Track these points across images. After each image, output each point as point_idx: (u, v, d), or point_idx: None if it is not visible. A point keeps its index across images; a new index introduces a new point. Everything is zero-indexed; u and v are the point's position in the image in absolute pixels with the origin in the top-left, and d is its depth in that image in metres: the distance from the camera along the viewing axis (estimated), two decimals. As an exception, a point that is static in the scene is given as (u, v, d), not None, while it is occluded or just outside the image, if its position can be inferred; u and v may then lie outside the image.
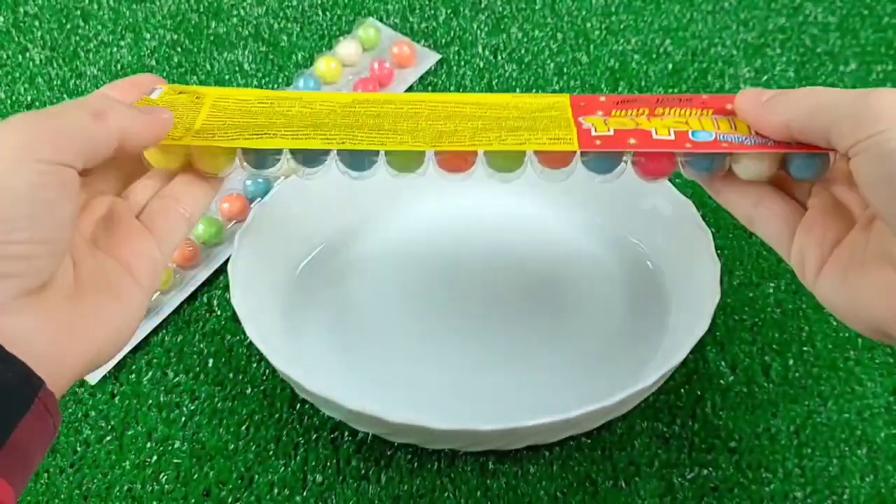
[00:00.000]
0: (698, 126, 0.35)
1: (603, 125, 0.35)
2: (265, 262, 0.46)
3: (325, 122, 0.36)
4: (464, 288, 0.49)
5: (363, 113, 0.36)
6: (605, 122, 0.35)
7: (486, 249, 0.50)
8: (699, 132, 0.34)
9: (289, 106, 0.37)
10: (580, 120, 0.36)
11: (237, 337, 0.48)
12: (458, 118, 0.36)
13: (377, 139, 0.35)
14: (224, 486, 0.43)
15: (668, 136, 0.34)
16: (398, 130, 0.35)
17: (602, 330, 0.47)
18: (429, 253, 0.50)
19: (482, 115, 0.36)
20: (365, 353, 0.46)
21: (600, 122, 0.35)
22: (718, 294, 0.42)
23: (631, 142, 0.34)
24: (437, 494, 0.43)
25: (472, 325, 0.47)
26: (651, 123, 0.35)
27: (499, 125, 0.36)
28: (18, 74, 0.62)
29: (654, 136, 0.34)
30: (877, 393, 0.46)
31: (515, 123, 0.36)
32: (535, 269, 0.50)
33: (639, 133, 0.34)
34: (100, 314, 0.30)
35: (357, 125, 0.36)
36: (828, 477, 0.43)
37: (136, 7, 0.66)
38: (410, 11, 0.66)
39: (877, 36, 0.64)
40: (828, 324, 0.48)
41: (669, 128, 0.35)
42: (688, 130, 0.34)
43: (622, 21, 0.65)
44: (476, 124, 0.36)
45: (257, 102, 0.37)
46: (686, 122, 0.35)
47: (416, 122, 0.36)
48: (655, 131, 0.34)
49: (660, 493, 0.42)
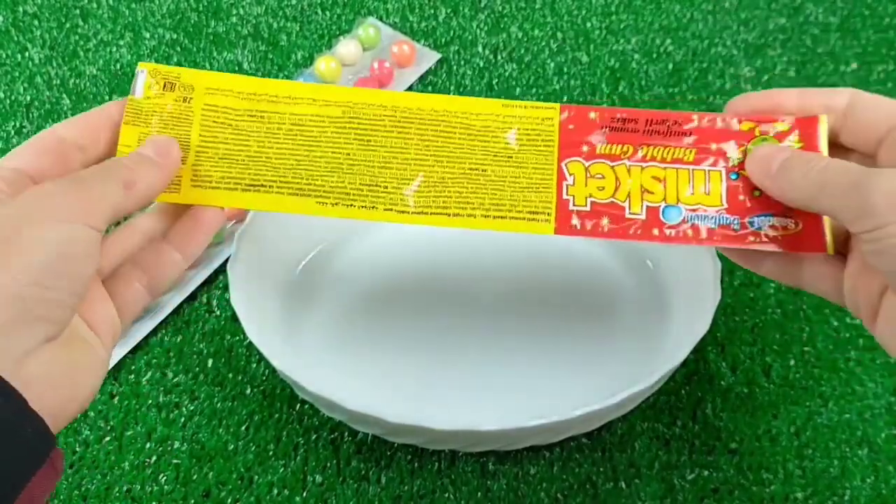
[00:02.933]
0: (673, 192, 0.36)
1: (583, 185, 0.36)
2: (265, 262, 0.46)
3: (317, 159, 0.36)
4: (464, 288, 0.49)
5: (354, 139, 0.36)
6: (587, 172, 0.36)
7: (486, 251, 0.50)
8: (670, 208, 0.35)
9: (279, 123, 0.37)
10: (563, 169, 0.36)
11: (237, 337, 0.48)
12: (448, 152, 0.36)
13: (369, 198, 0.35)
14: (224, 486, 0.43)
15: (640, 215, 0.35)
16: (390, 180, 0.36)
17: (602, 330, 0.47)
18: (428, 253, 0.50)
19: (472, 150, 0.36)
20: (365, 354, 0.46)
21: (581, 176, 0.36)
22: (719, 294, 0.42)
23: (604, 223, 0.35)
24: (438, 495, 0.43)
25: (472, 325, 0.47)
26: (630, 179, 0.36)
27: (484, 178, 0.36)
28: (18, 74, 0.62)
29: (627, 215, 0.35)
30: (878, 394, 0.46)
31: (500, 172, 0.36)
32: (535, 270, 0.49)
33: (612, 209, 0.36)
34: (82, 363, 0.31)
35: (350, 163, 0.36)
36: (829, 478, 0.43)
37: (136, 6, 0.66)
38: (410, 11, 0.66)
39: (878, 36, 0.64)
40: (828, 324, 0.48)
41: (644, 196, 0.36)
42: (660, 205, 0.35)
43: (622, 21, 0.65)
44: (464, 169, 0.36)
45: (247, 116, 0.37)
46: (663, 180, 0.36)
47: (408, 161, 0.36)
48: (629, 205, 0.36)
49: (660, 495, 0.42)
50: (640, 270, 0.49)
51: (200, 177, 0.36)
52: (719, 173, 0.36)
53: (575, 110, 0.37)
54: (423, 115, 0.37)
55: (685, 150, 0.36)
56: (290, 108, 0.37)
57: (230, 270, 0.43)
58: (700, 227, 0.35)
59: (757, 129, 0.36)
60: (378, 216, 0.36)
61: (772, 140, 0.35)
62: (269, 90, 0.37)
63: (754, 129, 0.36)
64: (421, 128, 0.37)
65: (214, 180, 0.35)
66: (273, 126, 0.36)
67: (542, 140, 0.37)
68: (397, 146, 0.36)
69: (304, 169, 0.36)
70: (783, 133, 0.35)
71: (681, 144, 0.36)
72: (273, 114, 0.37)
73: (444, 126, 0.37)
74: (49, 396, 0.28)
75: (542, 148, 0.36)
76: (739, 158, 0.36)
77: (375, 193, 0.36)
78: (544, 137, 0.37)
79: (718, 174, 0.36)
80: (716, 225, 0.35)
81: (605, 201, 0.36)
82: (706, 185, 0.35)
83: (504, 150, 0.36)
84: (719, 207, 0.35)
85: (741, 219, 0.35)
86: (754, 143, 0.36)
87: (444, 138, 0.37)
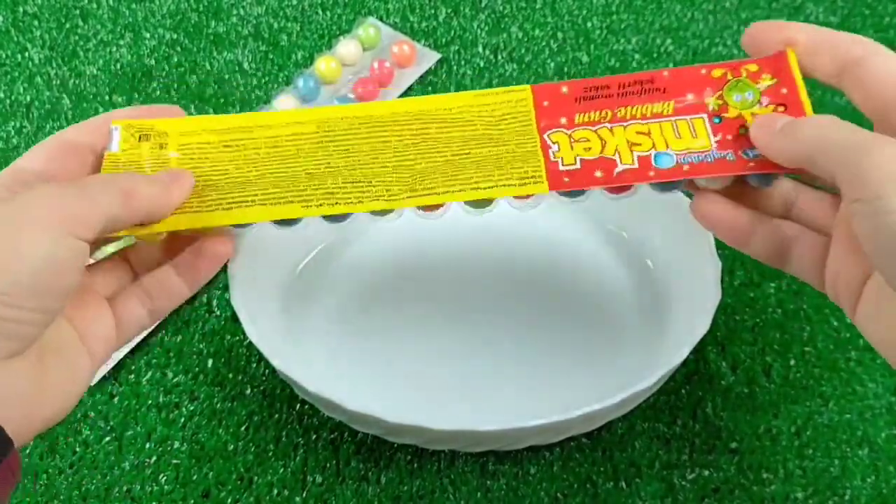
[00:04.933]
0: (661, 141, 0.35)
1: (568, 148, 0.36)
2: (265, 262, 0.46)
3: (297, 172, 0.36)
4: (464, 288, 0.49)
5: (333, 150, 0.36)
6: (570, 138, 0.36)
7: (486, 250, 0.50)
8: (662, 155, 0.35)
9: (255, 148, 0.37)
10: (546, 139, 0.36)
11: (237, 337, 0.48)
12: (428, 147, 0.36)
13: (353, 194, 0.35)
14: (223, 486, 0.43)
15: (632, 165, 0.35)
16: (372, 177, 0.36)
17: (602, 330, 0.47)
18: (429, 254, 0.50)
19: (450, 141, 0.36)
20: (365, 354, 0.46)
21: (565, 142, 0.36)
22: (719, 294, 0.42)
23: (597, 175, 0.35)
24: (437, 495, 0.43)
25: (472, 325, 0.47)
26: (614, 138, 0.36)
27: (468, 160, 0.36)
28: (17, 74, 0.62)
29: (619, 166, 0.35)
30: (878, 393, 0.46)
31: (483, 152, 0.36)
32: (535, 270, 0.49)
33: (603, 163, 0.35)
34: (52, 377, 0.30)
35: (330, 170, 0.36)
36: (829, 478, 0.43)
37: (136, 6, 0.66)
38: (410, 11, 0.66)
39: (878, 36, 0.64)
40: (829, 324, 0.48)
41: (632, 148, 0.35)
42: (650, 153, 0.35)
43: (623, 20, 0.65)
44: (446, 157, 0.36)
45: (222, 146, 0.37)
46: (648, 133, 0.36)
47: (388, 161, 0.36)
48: (619, 158, 0.35)
49: (661, 495, 0.42)
50: (640, 270, 0.49)
51: (182, 206, 0.35)
52: (702, 120, 0.36)
53: (546, 87, 0.37)
54: (397, 119, 0.37)
55: (663, 104, 0.36)
56: (264, 132, 0.37)
57: (230, 270, 0.43)
58: (695, 164, 0.35)
59: (728, 73, 0.36)
60: (365, 207, 0.35)
61: (745, 81, 0.36)
62: (243, 123, 0.37)
63: (726, 75, 0.36)
64: (397, 130, 0.37)
65: (195, 205, 0.35)
66: (250, 151, 0.37)
67: (520, 120, 0.37)
68: (377, 149, 0.36)
69: (284, 181, 0.36)
70: (754, 73, 0.36)
71: (657, 99, 0.36)
72: (249, 140, 0.37)
73: (420, 124, 0.37)
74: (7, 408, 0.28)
75: (521, 127, 0.36)
76: (718, 104, 0.36)
77: (360, 189, 0.36)
78: (521, 118, 0.37)
79: (701, 121, 0.36)
80: (712, 160, 0.35)
81: (595, 158, 0.36)
82: (692, 131, 0.36)
83: (484, 133, 0.36)
84: (709, 148, 0.35)
85: (734, 151, 0.35)
86: (728, 87, 0.36)
87: (421, 135, 0.37)
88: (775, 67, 0.35)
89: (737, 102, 0.36)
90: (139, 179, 0.32)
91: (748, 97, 0.36)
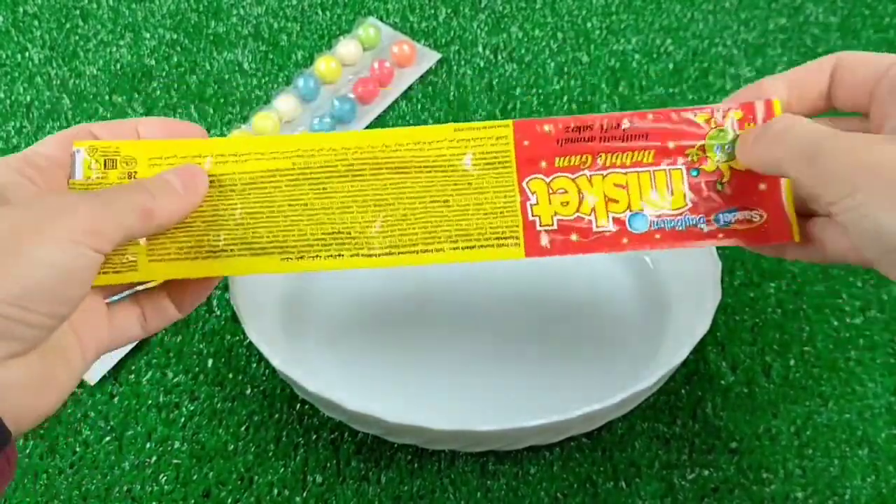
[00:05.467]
0: (637, 198, 0.36)
1: (546, 202, 0.36)
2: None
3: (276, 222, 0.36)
4: (464, 288, 0.49)
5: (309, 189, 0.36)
6: (549, 188, 0.36)
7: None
8: (637, 216, 0.36)
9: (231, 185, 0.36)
10: (525, 188, 0.36)
11: (237, 337, 0.48)
12: (407, 189, 0.36)
13: (334, 248, 0.36)
14: (224, 486, 0.43)
15: (607, 227, 0.36)
16: (349, 227, 0.36)
17: (602, 330, 0.47)
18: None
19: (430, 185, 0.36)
20: (365, 354, 0.46)
21: (544, 193, 0.36)
22: (719, 294, 0.42)
23: (573, 239, 0.36)
24: (438, 495, 0.43)
25: (473, 324, 0.47)
26: (592, 190, 0.36)
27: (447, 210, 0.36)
28: (17, 74, 0.62)
29: (594, 230, 0.36)
30: (878, 393, 0.46)
31: (462, 201, 0.36)
32: (535, 270, 0.49)
33: (579, 224, 0.36)
34: (50, 375, 0.31)
35: (308, 213, 0.36)
36: (829, 477, 0.43)
37: (136, 6, 0.66)
38: (410, 11, 0.66)
39: (878, 36, 0.64)
40: (828, 324, 0.48)
41: (608, 206, 0.36)
42: (625, 215, 0.36)
43: (623, 20, 0.65)
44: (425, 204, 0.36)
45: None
46: (626, 186, 0.36)
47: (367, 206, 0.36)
48: (595, 219, 0.36)
49: (660, 494, 0.42)
50: (640, 270, 0.49)
51: (157, 251, 0.35)
52: (680, 171, 0.36)
53: (528, 125, 0.36)
54: (375, 154, 0.36)
55: (644, 152, 0.36)
56: (239, 166, 0.36)
57: (230, 270, 0.43)
58: (667, 231, 0.36)
59: (712, 120, 0.36)
60: (346, 264, 0.36)
61: (728, 131, 0.35)
62: (214, 149, 0.36)
63: (710, 122, 0.36)
64: (375, 168, 0.36)
65: (172, 252, 0.35)
66: (225, 189, 0.36)
67: (500, 161, 0.36)
68: (354, 189, 0.36)
69: (262, 227, 0.36)
70: (740, 121, 0.35)
71: (638, 146, 0.36)
72: (223, 175, 0.36)
73: (399, 162, 0.36)
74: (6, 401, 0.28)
75: (500, 170, 0.36)
76: (698, 155, 0.36)
77: (339, 241, 0.36)
78: (501, 158, 0.36)
79: (679, 172, 0.36)
80: (683, 227, 0.36)
81: (571, 217, 0.36)
82: (669, 186, 0.36)
83: (463, 178, 0.36)
84: (683, 208, 0.36)
85: (706, 217, 0.36)
86: (710, 136, 0.36)
87: (400, 175, 0.36)
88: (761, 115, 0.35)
89: (716, 153, 0.36)
90: (159, 193, 0.33)
91: (728, 148, 0.35)
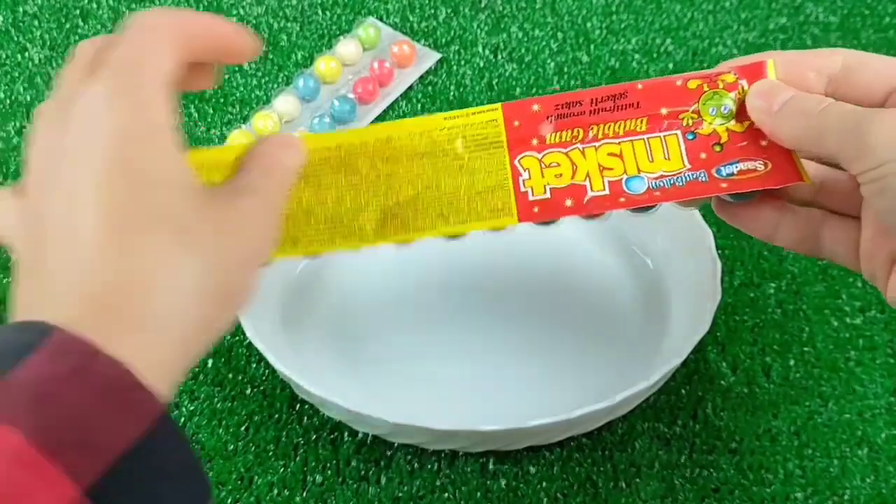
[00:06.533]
0: (632, 164, 0.35)
1: (539, 176, 0.35)
2: (265, 262, 0.46)
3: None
4: (464, 289, 0.49)
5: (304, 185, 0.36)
6: (541, 163, 0.35)
7: (486, 250, 0.50)
8: (633, 179, 0.35)
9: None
10: (517, 165, 0.35)
11: (237, 337, 0.48)
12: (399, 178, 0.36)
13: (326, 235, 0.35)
14: (223, 486, 0.43)
15: (603, 191, 0.35)
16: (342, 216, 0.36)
17: (602, 330, 0.47)
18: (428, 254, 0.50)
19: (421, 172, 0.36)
20: (365, 354, 0.46)
21: (536, 168, 0.35)
22: (719, 294, 0.42)
23: (567, 203, 0.35)
24: (437, 495, 0.43)
25: (473, 325, 0.47)
26: (585, 162, 0.35)
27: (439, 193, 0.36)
28: (17, 74, 0.62)
29: (588, 193, 0.35)
30: (878, 394, 0.46)
31: (454, 183, 0.36)
32: (535, 270, 0.49)
33: (573, 191, 0.35)
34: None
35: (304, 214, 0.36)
36: (829, 478, 0.43)
37: (136, 6, 0.66)
38: (410, 11, 0.66)
39: (878, 36, 0.64)
40: (828, 324, 0.48)
41: (603, 173, 0.35)
42: (622, 178, 0.35)
43: (623, 20, 0.65)
44: (417, 190, 0.36)
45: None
46: (620, 154, 0.35)
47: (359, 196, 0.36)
48: (590, 184, 0.35)
49: (661, 494, 0.42)
50: (640, 270, 0.49)
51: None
52: (675, 137, 0.35)
53: (517, 106, 0.36)
54: (367, 149, 0.36)
55: (636, 120, 0.35)
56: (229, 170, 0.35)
57: (230, 270, 0.43)
58: (667, 188, 0.34)
59: (704, 84, 0.35)
60: (337, 246, 0.35)
61: (722, 93, 0.35)
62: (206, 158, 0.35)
63: (702, 86, 0.35)
64: (367, 161, 0.36)
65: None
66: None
67: (491, 143, 0.36)
68: (348, 183, 0.36)
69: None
70: (731, 84, 0.35)
71: (630, 116, 0.35)
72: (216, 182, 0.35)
73: (391, 153, 0.36)
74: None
75: (491, 151, 0.36)
76: (693, 118, 0.35)
77: (332, 228, 0.35)
78: (492, 140, 0.36)
79: (675, 138, 0.35)
80: (683, 183, 0.34)
81: (565, 186, 0.35)
82: (665, 151, 0.35)
83: (455, 161, 0.36)
84: (682, 169, 0.35)
85: (707, 171, 0.34)
86: (704, 100, 0.35)
87: (391, 165, 0.36)
88: (753, 76, 0.35)
89: (712, 116, 0.35)
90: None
91: (724, 109, 0.35)
